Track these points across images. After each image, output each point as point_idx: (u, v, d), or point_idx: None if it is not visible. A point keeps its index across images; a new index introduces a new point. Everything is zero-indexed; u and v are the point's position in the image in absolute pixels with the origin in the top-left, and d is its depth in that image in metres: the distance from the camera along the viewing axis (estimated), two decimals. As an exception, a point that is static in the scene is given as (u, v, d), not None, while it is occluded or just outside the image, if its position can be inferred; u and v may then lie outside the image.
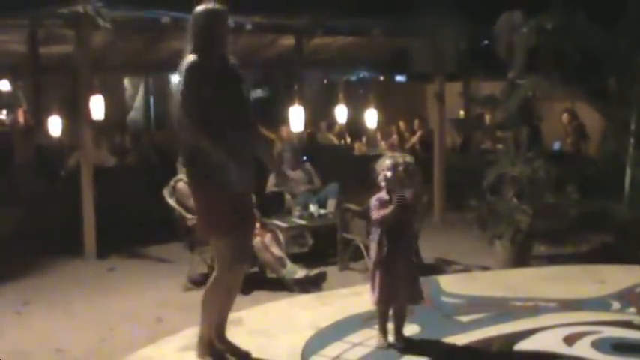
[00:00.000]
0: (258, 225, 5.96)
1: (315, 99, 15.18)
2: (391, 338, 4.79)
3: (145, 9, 8.78)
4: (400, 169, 4.71)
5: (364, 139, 13.55)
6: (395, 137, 13.40)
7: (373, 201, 4.79)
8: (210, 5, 4.35)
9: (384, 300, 4.71)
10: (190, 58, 4.27)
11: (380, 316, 4.79)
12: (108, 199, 8.58)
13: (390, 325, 4.81)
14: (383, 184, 4.76)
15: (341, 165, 10.44)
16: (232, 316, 4.76)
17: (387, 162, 4.77)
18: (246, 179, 4.37)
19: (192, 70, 4.23)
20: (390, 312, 4.81)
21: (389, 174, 4.72)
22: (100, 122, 10.62)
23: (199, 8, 4.34)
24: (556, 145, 12.30)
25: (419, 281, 4.83)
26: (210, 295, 4.48)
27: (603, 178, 8.12)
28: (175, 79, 4.34)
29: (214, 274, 4.49)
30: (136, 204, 9.01)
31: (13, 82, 15.27)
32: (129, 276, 7.44)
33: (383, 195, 4.77)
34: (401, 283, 4.70)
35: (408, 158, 4.86)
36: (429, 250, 7.75)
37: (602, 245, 7.91)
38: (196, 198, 4.47)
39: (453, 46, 10.02)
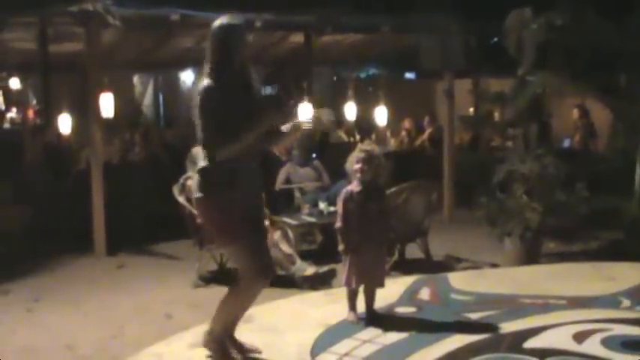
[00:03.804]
0: (267, 222, 5.94)
1: (324, 96, 15.17)
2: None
3: (154, 6, 8.79)
4: (366, 158, 5.11)
5: (373, 137, 13.51)
6: (404, 133, 13.39)
7: (342, 192, 5.22)
8: (227, 19, 4.32)
9: (351, 282, 5.12)
10: (205, 81, 4.23)
11: (348, 295, 5.21)
12: (118, 196, 8.59)
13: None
14: (357, 175, 5.15)
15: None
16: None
17: (355, 154, 5.19)
18: (255, 191, 4.41)
19: (207, 94, 4.18)
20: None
21: (358, 166, 5.11)
22: (110, 120, 10.63)
23: (217, 22, 4.30)
24: (566, 142, 12.28)
25: (384, 267, 5.44)
26: (233, 299, 4.42)
27: (613, 175, 8.09)
28: (185, 77, 4.30)
29: (240, 282, 4.38)
30: (146, 201, 9.02)
31: (22, 80, 15.34)
32: (139, 273, 7.47)
33: (353, 186, 5.19)
34: (367, 268, 5.10)
35: (377, 149, 5.34)
36: (438, 247, 7.76)
37: (612, 242, 7.90)
38: (207, 215, 4.42)
39: (463, 43, 9.99)
